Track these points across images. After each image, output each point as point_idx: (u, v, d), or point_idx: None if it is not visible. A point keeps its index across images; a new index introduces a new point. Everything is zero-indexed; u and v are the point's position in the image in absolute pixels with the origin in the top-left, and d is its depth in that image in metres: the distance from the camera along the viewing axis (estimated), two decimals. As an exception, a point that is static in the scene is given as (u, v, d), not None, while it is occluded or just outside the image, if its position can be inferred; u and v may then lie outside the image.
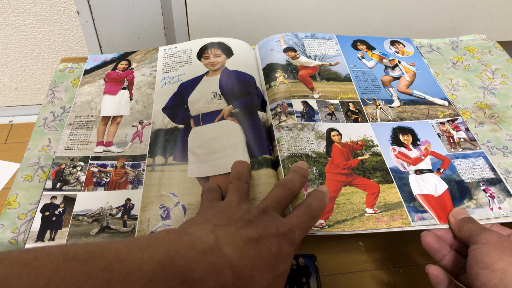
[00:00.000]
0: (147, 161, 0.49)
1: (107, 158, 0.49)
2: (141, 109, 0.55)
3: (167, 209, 0.44)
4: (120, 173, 0.48)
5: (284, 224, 0.34)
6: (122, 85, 0.58)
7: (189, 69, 0.60)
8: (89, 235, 0.41)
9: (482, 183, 0.46)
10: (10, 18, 1.10)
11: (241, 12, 0.87)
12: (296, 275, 0.80)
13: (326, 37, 0.66)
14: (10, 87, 1.30)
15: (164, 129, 0.53)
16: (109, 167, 0.48)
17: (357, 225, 0.41)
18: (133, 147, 0.51)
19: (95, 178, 0.47)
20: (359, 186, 0.45)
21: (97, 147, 0.50)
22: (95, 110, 0.55)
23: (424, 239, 0.41)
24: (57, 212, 0.43)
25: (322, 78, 0.58)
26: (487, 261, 0.34)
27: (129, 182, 0.47)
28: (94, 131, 0.52)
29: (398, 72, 0.61)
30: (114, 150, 0.50)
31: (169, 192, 0.46)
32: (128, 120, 0.54)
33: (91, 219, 0.43)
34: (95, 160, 0.49)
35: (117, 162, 0.49)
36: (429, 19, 0.93)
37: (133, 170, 0.48)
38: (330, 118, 0.52)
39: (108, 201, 0.45)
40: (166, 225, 0.43)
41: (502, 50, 0.69)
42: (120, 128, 0.53)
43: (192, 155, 0.49)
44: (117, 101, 0.56)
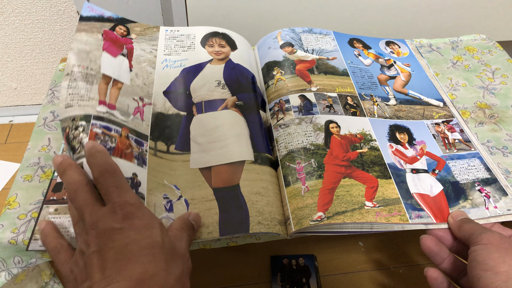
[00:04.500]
0: (149, 143, 0.47)
1: (111, 122, 0.45)
2: (141, 85, 0.52)
3: (170, 201, 0.43)
4: (125, 143, 0.44)
5: None
6: (121, 51, 0.54)
7: (192, 55, 0.58)
8: None
9: (477, 183, 0.46)
10: (10, 18, 1.11)
11: (241, 13, 0.87)
12: (296, 275, 0.80)
13: (324, 33, 0.66)
14: (10, 87, 1.30)
15: (165, 113, 0.51)
16: (113, 132, 0.44)
17: (357, 217, 0.41)
18: (135, 122, 0.48)
19: (99, 140, 0.42)
20: (358, 178, 0.45)
21: (100, 106, 0.46)
22: (94, 63, 0.49)
23: (424, 242, 0.41)
24: None
25: (319, 71, 0.58)
26: (489, 263, 0.33)
27: (134, 157, 0.44)
28: (95, 87, 0.47)
29: (393, 71, 0.61)
30: (118, 116, 0.46)
31: (171, 183, 0.44)
32: (129, 91, 0.50)
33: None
34: (97, 120, 0.44)
35: (121, 129, 0.45)
36: (429, 19, 0.93)
37: (137, 146, 0.45)
38: (328, 111, 0.52)
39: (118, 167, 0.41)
40: (169, 217, 0.42)
41: (502, 50, 0.69)
42: (122, 95, 0.49)
43: (195, 144, 0.48)
44: (117, 65, 0.52)
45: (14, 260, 0.43)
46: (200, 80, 0.54)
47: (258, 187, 0.44)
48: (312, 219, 0.41)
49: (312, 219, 0.41)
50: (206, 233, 0.41)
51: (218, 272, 0.80)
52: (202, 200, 0.44)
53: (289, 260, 0.81)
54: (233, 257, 0.83)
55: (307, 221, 0.41)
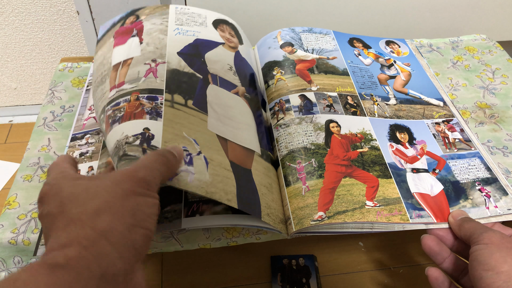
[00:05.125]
0: (165, 96, 0.44)
1: (120, 96, 0.44)
2: (153, 50, 0.50)
3: (190, 154, 0.40)
4: (135, 104, 0.43)
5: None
6: (130, 35, 0.54)
7: (205, 31, 0.56)
8: None
9: (477, 183, 0.46)
10: (10, 18, 1.10)
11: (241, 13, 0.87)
12: (296, 275, 0.80)
13: (323, 32, 0.66)
14: (10, 87, 1.30)
15: (181, 70, 0.48)
16: (122, 102, 0.43)
17: (357, 216, 0.41)
18: (147, 82, 0.46)
19: (110, 119, 0.42)
20: (358, 178, 0.45)
21: (111, 92, 0.46)
22: (107, 64, 0.50)
23: (425, 242, 0.41)
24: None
25: (320, 71, 0.58)
26: (491, 263, 0.33)
27: (146, 113, 0.42)
28: (107, 81, 0.48)
29: (393, 71, 0.61)
30: (127, 87, 0.45)
31: (191, 137, 0.41)
32: (140, 60, 0.49)
33: (110, 156, 0.39)
34: (109, 105, 0.44)
35: (130, 96, 0.44)
36: (429, 19, 0.93)
37: (149, 101, 0.43)
38: (328, 110, 0.52)
39: (123, 131, 0.40)
40: (190, 171, 0.38)
41: (502, 50, 0.69)
42: (131, 67, 0.48)
43: (212, 110, 0.46)
44: (127, 47, 0.52)
45: (14, 260, 0.43)
46: (214, 56, 0.52)
47: (265, 181, 0.44)
48: (313, 219, 0.41)
49: (313, 218, 0.41)
50: (225, 198, 0.39)
51: (218, 272, 0.80)
52: (221, 166, 0.41)
53: (289, 260, 0.81)
54: (233, 257, 0.83)
55: (307, 221, 0.41)
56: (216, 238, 0.46)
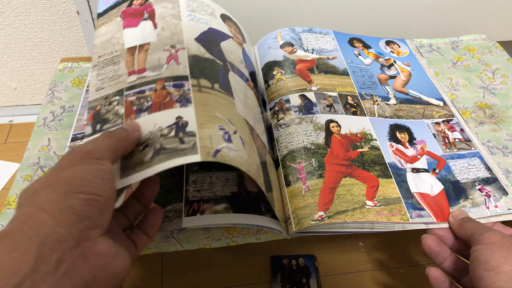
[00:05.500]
0: (191, 81, 0.43)
1: (144, 84, 0.43)
2: (170, 35, 0.49)
3: (228, 133, 0.39)
4: (162, 94, 0.42)
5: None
6: (142, 18, 0.51)
7: (216, 22, 0.55)
8: (144, 163, 0.36)
9: (477, 182, 0.46)
10: (10, 18, 1.10)
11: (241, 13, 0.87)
12: (296, 275, 0.80)
13: (323, 32, 0.66)
14: (10, 87, 1.30)
15: (202, 56, 0.47)
16: (148, 91, 0.42)
17: (358, 216, 0.41)
18: (170, 69, 0.45)
19: (134, 106, 0.41)
20: (359, 178, 0.45)
21: (130, 77, 0.44)
22: (117, 45, 0.48)
23: (425, 242, 0.41)
24: None
25: (320, 71, 0.58)
26: (491, 263, 0.33)
27: (175, 101, 0.41)
28: (123, 64, 0.46)
29: (393, 71, 0.61)
30: (149, 75, 0.44)
31: (225, 117, 0.41)
32: (158, 46, 0.47)
33: (141, 146, 0.37)
34: (131, 90, 0.43)
35: (155, 85, 0.43)
36: (429, 19, 0.93)
37: (176, 89, 0.42)
38: (328, 110, 0.52)
39: (155, 123, 0.39)
40: (230, 148, 0.38)
41: (502, 50, 0.69)
42: (150, 54, 0.47)
43: (236, 95, 0.45)
44: (140, 31, 0.50)
45: (14, 260, 0.43)
46: (228, 46, 0.52)
47: (272, 178, 0.44)
48: (313, 219, 0.41)
49: (313, 218, 0.41)
50: (260, 182, 0.39)
51: (218, 272, 0.80)
52: (251, 148, 0.40)
53: (289, 260, 0.81)
54: (233, 257, 0.82)
55: (308, 221, 0.41)
56: (216, 238, 0.46)
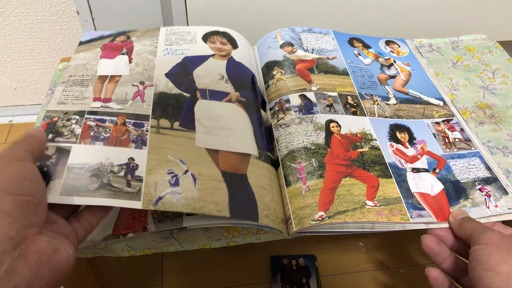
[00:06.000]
0: (151, 122, 0.46)
1: (106, 113, 0.45)
2: (142, 71, 0.51)
3: (176, 175, 0.41)
4: (121, 130, 0.44)
5: None
6: (120, 52, 0.54)
7: (194, 47, 0.57)
8: (88, 190, 0.38)
9: (477, 182, 0.46)
10: (10, 18, 1.10)
11: (241, 13, 0.87)
12: (296, 275, 0.80)
13: (323, 32, 0.66)
14: (10, 87, 1.30)
15: (168, 93, 0.49)
16: (108, 122, 0.44)
17: (358, 216, 0.41)
18: (134, 106, 0.47)
19: (92, 132, 0.43)
20: (359, 178, 0.45)
21: (94, 103, 0.46)
22: (91, 70, 0.51)
23: (425, 242, 0.41)
24: (48, 163, 0.39)
25: (319, 71, 0.58)
26: (490, 263, 0.33)
27: (131, 141, 0.43)
28: (90, 88, 0.48)
29: (393, 71, 0.61)
30: (114, 107, 0.46)
31: (176, 158, 0.43)
32: (128, 80, 0.50)
33: (89, 173, 0.39)
34: (92, 115, 0.45)
35: (117, 118, 0.45)
36: (429, 19, 0.93)
37: (135, 128, 0.44)
38: (328, 110, 0.52)
39: (108, 157, 0.41)
40: (175, 192, 0.40)
41: (502, 50, 0.69)
42: (119, 86, 0.49)
43: (200, 125, 0.47)
44: (115, 63, 0.52)
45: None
46: (203, 70, 0.53)
47: (263, 182, 0.44)
48: (313, 219, 0.41)
49: (313, 218, 0.41)
50: (215, 210, 0.39)
51: (218, 272, 0.80)
52: (210, 178, 0.42)
53: (289, 260, 0.81)
54: (233, 257, 0.83)
55: (308, 221, 0.41)
56: (216, 238, 0.46)
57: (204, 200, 0.40)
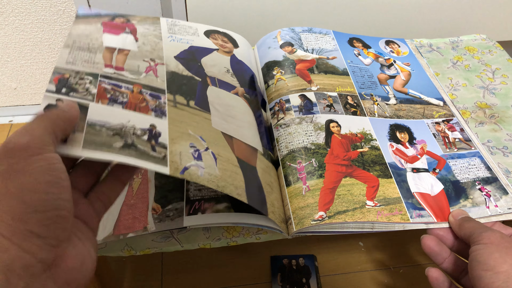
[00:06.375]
0: (168, 96, 0.43)
1: (121, 80, 0.42)
2: (150, 50, 0.49)
3: (198, 150, 0.40)
4: (139, 98, 0.41)
5: None
6: (123, 31, 0.51)
7: (197, 40, 0.56)
8: (112, 147, 0.34)
9: (477, 182, 0.46)
10: (10, 18, 1.10)
11: (241, 13, 0.87)
12: (296, 275, 0.80)
13: (323, 32, 0.66)
14: (10, 87, 1.30)
15: (180, 73, 0.47)
16: (124, 88, 0.41)
17: (358, 216, 0.41)
18: (148, 79, 0.44)
19: (108, 94, 0.39)
20: (359, 178, 0.45)
21: (107, 68, 0.43)
22: (95, 40, 0.46)
23: (424, 242, 0.41)
24: None
25: (319, 71, 0.58)
26: (490, 263, 0.33)
27: (150, 110, 0.40)
28: (99, 55, 0.44)
29: (393, 71, 0.61)
30: (127, 75, 0.43)
31: (196, 134, 0.41)
32: (138, 55, 0.47)
33: (112, 131, 0.35)
34: (106, 79, 0.41)
35: (133, 86, 0.42)
36: (429, 19, 0.93)
37: (153, 99, 0.42)
38: (328, 110, 0.52)
39: (129, 119, 0.37)
40: (199, 165, 0.38)
41: (502, 50, 0.69)
42: (130, 59, 0.46)
43: (214, 109, 0.46)
44: (121, 39, 0.49)
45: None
46: (210, 60, 0.53)
47: (268, 180, 0.44)
48: (313, 219, 0.41)
49: (313, 218, 0.41)
50: (235, 192, 0.38)
51: (218, 272, 0.80)
52: (228, 161, 0.41)
53: (289, 260, 0.81)
54: (233, 257, 0.83)
55: (308, 221, 0.41)
56: (216, 238, 0.46)
57: (225, 181, 0.39)
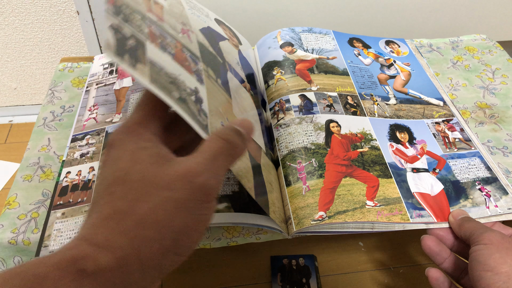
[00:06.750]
0: (202, 65, 0.39)
1: (164, 30, 0.36)
2: (179, 13, 0.43)
3: None
4: (183, 56, 0.37)
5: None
6: None
7: (211, 23, 0.52)
8: (171, 95, 0.29)
9: (477, 182, 0.46)
10: (10, 18, 1.10)
11: (241, 13, 0.87)
12: (296, 275, 0.80)
13: (323, 32, 0.66)
14: (10, 87, 1.30)
15: (207, 48, 0.43)
16: (170, 40, 0.36)
17: (358, 216, 0.41)
18: (186, 40, 0.39)
19: (158, 39, 0.34)
20: (359, 178, 0.45)
21: (149, 13, 0.36)
22: None
23: (425, 243, 0.41)
24: (129, 41, 0.29)
25: (319, 71, 0.58)
26: (490, 264, 0.33)
27: (193, 72, 0.36)
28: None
29: (393, 71, 0.61)
30: (168, 29, 0.38)
31: (224, 115, 0.38)
32: (169, 13, 0.41)
33: (169, 78, 0.31)
34: (152, 23, 0.35)
35: (176, 42, 0.37)
36: (429, 19, 0.93)
37: (193, 61, 0.38)
38: (328, 110, 0.52)
39: (180, 73, 0.33)
40: None
41: (502, 50, 0.69)
42: (165, 14, 0.40)
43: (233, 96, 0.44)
44: None
45: (14, 260, 0.43)
46: (226, 47, 0.50)
47: (270, 178, 0.44)
48: (313, 219, 0.41)
49: (313, 218, 0.41)
50: (248, 185, 0.37)
51: (218, 272, 0.80)
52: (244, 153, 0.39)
53: (289, 260, 0.81)
54: (233, 257, 0.82)
55: (308, 221, 0.41)
56: (216, 238, 0.46)
57: (241, 171, 0.37)
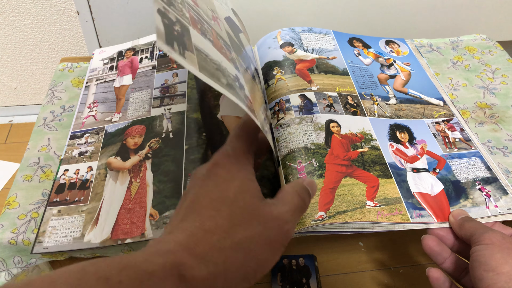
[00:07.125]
0: (234, 54, 0.39)
1: (201, 16, 0.35)
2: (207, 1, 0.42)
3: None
4: (219, 43, 0.36)
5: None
6: None
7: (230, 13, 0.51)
8: (220, 81, 0.29)
9: (477, 182, 0.46)
10: (10, 18, 1.10)
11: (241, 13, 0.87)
12: (296, 275, 0.80)
13: (323, 32, 0.66)
14: (10, 87, 1.30)
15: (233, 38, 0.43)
16: (207, 26, 0.35)
17: (358, 216, 0.41)
18: (217, 28, 0.39)
19: (198, 24, 0.33)
20: (359, 178, 0.45)
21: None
22: None
23: (425, 243, 0.41)
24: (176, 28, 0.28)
25: (320, 71, 0.58)
26: (492, 264, 0.33)
27: (229, 59, 0.35)
28: None
29: (393, 71, 0.61)
30: (204, 15, 0.37)
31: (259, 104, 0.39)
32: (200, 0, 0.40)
33: (215, 65, 0.30)
34: (191, 8, 0.34)
35: (211, 29, 0.36)
36: (429, 19, 0.93)
37: (227, 50, 0.37)
38: (329, 110, 0.52)
39: (221, 60, 0.33)
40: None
41: (502, 50, 0.69)
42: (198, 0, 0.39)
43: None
44: None
45: (14, 260, 0.43)
46: (243, 39, 0.50)
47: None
48: (314, 219, 0.41)
49: (314, 218, 0.41)
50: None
51: (218, 272, 0.80)
52: None
53: (289, 260, 0.81)
54: (233, 257, 0.82)
55: (308, 221, 0.41)
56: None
57: None
